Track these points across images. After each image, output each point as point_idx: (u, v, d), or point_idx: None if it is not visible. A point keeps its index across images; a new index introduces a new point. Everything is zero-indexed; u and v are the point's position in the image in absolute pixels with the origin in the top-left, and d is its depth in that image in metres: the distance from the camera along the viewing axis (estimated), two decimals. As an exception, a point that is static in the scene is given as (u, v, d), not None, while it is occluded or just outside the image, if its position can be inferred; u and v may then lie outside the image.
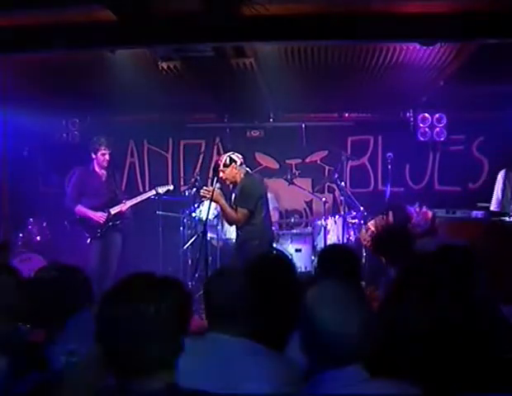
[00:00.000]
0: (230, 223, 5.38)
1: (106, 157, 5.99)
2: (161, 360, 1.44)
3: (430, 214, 5.63)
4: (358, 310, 1.68)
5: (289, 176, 6.97)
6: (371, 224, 6.25)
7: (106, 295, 1.47)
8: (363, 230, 6.26)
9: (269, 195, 7.18)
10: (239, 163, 5.18)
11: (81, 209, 5.89)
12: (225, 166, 5.15)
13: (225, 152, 7.92)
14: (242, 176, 5.16)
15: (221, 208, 5.06)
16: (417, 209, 5.64)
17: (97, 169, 6.04)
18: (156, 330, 1.41)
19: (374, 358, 1.68)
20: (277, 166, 7.96)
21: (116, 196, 6.06)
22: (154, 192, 6.25)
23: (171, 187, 6.30)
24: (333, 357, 1.64)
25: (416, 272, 2.41)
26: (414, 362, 1.94)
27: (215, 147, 8.07)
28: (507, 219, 6.05)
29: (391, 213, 5.87)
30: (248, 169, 5.28)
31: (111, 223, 5.94)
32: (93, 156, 6.02)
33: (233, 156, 5.20)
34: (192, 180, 6.58)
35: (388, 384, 1.64)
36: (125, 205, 6.03)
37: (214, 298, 2.21)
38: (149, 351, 1.40)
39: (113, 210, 5.93)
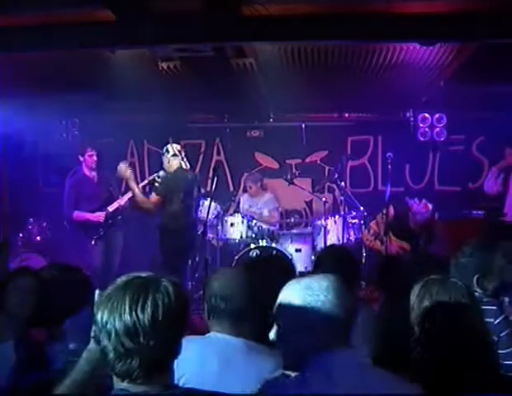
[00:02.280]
0: (141, 207, 5.45)
1: (94, 158, 6.03)
2: (157, 362, 1.43)
3: (430, 206, 5.72)
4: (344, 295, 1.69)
5: (289, 176, 6.98)
6: (372, 224, 6.27)
7: (103, 296, 1.47)
8: (365, 230, 6.27)
9: (269, 196, 7.23)
10: (171, 154, 5.42)
11: (79, 214, 5.91)
12: (162, 154, 5.47)
13: (225, 152, 8.06)
14: (175, 167, 5.39)
15: (130, 188, 5.40)
16: (417, 202, 5.72)
17: (87, 173, 6.06)
18: (153, 331, 1.40)
19: (376, 358, 1.68)
20: (277, 166, 7.96)
21: (111, 195, 6.07)
22: (146, 182, 6.25)
23: (161, 173, 6.29)
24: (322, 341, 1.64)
25: (418, 272, 2.41)
26: (414, 362, 1.94)
27: (215, 147, 8.07)
28: (506, 219, 6.10)
29: (391, 206, 5.92)
30: (183, 163, 5.49)
31: (110, 221, 5.94)
32: (81, 158, 6.08)
33: (169, 146, 5.46)
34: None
35: (387, 377, 1.63)
36: (122, 200, 6.04)
37: (214, 298, 2.21)
38: (146, 353, 1.40)
39: (111, 208, 5.94)
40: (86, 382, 1.62)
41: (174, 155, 5.42)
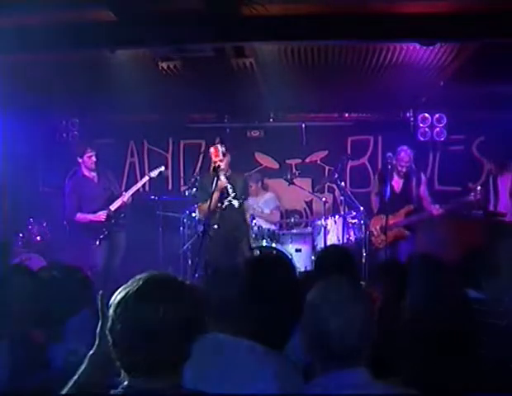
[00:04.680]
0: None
1: (93, 158, 6.00)
2: (168, 362, 1.43)
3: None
4: (363, 310, 1.68)
5: (289, 176, 6.96)
6: (371, 226, 6.26)
7: (119, 293, 1.46)
8: (370, 234, 6.23)
9: (270, 195, 7.23)
10: None
11: (81, 216, 5.89)
12: (224, 155, 5.39)
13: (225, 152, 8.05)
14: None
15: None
16: None
17: (86, 173, 6.03)
18: (167, 332, 1.40)
19: (374, 358, 1.68)
20: (277, 166, 7.96)
21: (112, 194, 6.06)
22: (147, 178, 6.23)
23: (162, 168, 6.25)
24: (337, 358, 1.63)
25: (417, 272, 2.41)
26: (413, 362, 1.94)
27: (215, 147, 8.06)
28: (506, 219, 6.10)
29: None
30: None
31: (113, 220, 5.93)
32: (80, 160, 6.03)
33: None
34: (192, 180, 6.57)
35: (390, 388, 1.63)
36: (125, 196, 6.01)
37: (213, 298, 2.21)
38: (158, 353, 1.40)
39: (113, 206, 5.92)
40: (90, 384, 1.62)
41: None
